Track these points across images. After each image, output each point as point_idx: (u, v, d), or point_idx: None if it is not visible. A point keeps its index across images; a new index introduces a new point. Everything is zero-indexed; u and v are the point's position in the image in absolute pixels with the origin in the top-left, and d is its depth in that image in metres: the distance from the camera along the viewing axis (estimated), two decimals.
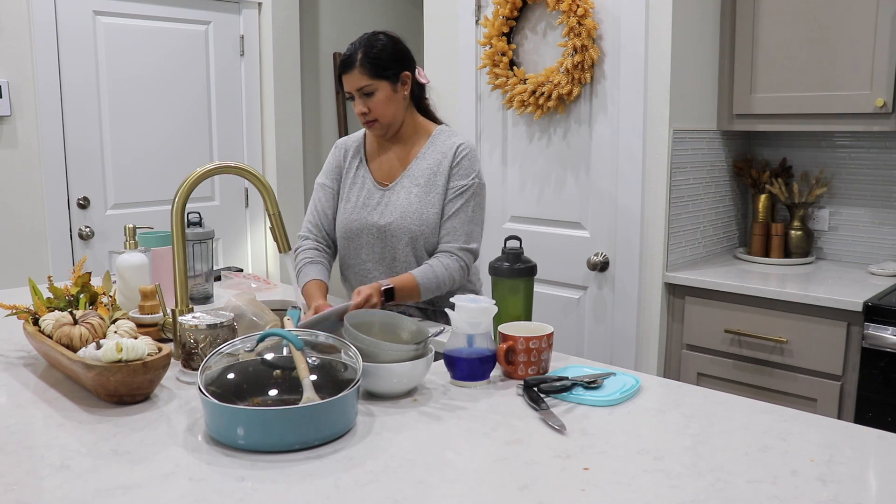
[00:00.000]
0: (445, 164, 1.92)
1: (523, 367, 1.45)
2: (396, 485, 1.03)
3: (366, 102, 1.89)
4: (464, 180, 1.92)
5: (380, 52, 1.88)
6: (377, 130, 1.94)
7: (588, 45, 2.58)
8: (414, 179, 1.94)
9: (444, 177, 1.92)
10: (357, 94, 1.89)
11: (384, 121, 1.92)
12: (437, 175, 1.92)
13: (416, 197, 1.92)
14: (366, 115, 1.90)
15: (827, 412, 2.25)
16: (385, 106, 1.90)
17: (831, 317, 2.26)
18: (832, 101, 2.47)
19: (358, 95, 1.89)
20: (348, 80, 1.89)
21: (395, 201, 1.93)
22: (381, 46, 1.89)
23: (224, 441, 1.15)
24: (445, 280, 1.88)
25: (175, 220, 1.58)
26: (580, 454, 1.13)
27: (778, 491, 1.02)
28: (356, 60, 1.87)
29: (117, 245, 2.87)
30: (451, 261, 1.90)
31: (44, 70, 3.09)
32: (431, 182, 1.92)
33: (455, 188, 1.92)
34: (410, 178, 1.94)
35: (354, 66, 1.87)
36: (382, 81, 1.88)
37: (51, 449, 1.14)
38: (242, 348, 1.29)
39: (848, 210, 2.79)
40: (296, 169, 3.92)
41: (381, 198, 1.96)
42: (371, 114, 1.90)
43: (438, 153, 1.95)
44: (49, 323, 1.46)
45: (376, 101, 1.88)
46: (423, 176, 1.93)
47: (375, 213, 1.95)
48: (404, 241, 1.91)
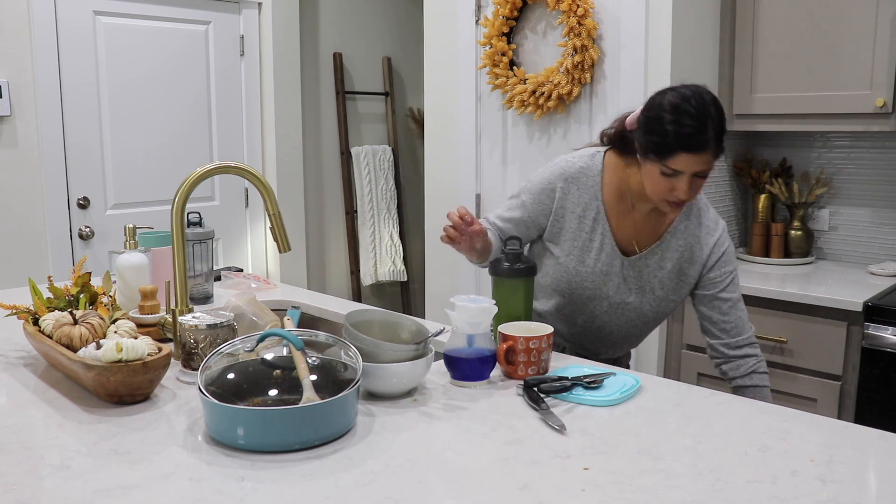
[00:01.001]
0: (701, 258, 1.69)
1: (523, 367, 1.45)
2: (396, 485, 1.03)
3: (694, 185, 1.54)
4: (730, 266, 1.70)
5: (723, 124, 1.54)
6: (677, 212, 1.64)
7: (588, 45, 2.58)
8: (664, 256, 1.69)
9: (698, 271, 1.70)
10: (690, 175, 1.53)
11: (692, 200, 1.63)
12: (692, 265, 1.70)
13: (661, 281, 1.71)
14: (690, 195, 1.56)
15: (827, 412, 2.25)
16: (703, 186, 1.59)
17: (831, 317, 2.26)
18: (832, 101, 2.47)
19: (690, 177, 1.53)
20: (694, 162, 1.50)
21: (640, 279, 1.71)
22: (723, 117, 1.53)
23: (224, 441, 1.15)
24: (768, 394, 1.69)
25: (175, 220, 1.58)
26: (580, 454, 1.13)
27: (778, 491, 1.02)
28: (710, 140, 1.49)
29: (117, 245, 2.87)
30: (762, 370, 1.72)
31: (44, 70, 3.09)
32: (683, 270, 1.70)
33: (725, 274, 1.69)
34: (661, 255, 1.69)
35: (708, 148, 1.50)
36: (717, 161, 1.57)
37: (51, 449, 1.14)
38: (242, 348, 1.29)
39: (848, 210, 2.79)
40: (296, 169, 3.92)
41: (621, 268, 1.70)
42: (690, 196, 1.56)
43: (692, 236, 1.69)
44: (49, 323, 1.46)
45: (702, 183, 1.57)
46: (675, 257, 1.69)
47: (611, 286, 1.71)
48: (635, 319, 1.75)
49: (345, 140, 4.16)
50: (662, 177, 1.54)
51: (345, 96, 4.14)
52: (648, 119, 1.55)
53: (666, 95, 1.53)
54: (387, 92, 4.33)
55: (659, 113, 1.52)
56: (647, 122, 1.55)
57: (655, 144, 1.52)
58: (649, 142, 1.54)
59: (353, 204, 4.24)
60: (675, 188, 1.54)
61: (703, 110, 1.49)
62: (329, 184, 4.17)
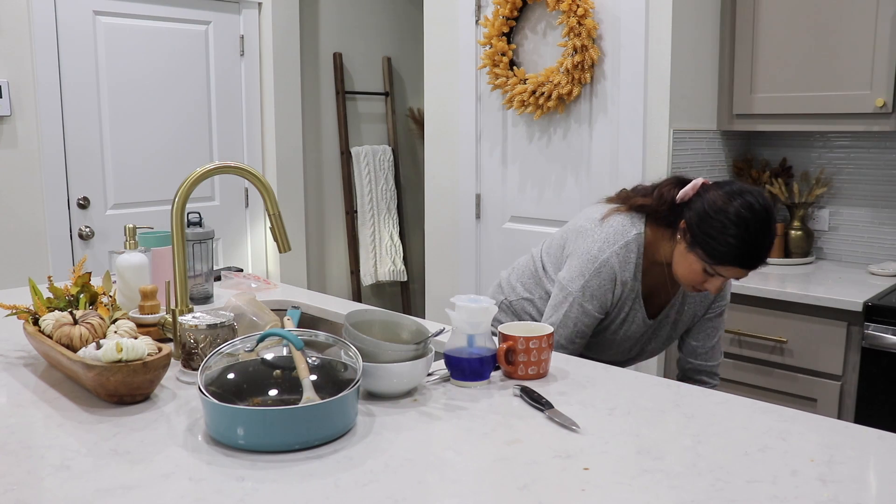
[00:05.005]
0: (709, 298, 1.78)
1: (523, 367, 1.45)
2: (396, 485, 1.03)
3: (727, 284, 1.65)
4: (726, 300, 1.81)
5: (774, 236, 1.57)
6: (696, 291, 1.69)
7: (588, 45, 2.58)
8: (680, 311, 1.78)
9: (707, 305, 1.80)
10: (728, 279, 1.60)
11: None
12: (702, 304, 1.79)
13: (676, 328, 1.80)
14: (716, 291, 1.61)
15: (827, 412, 2.25)
16: None
17: (831, 317, 2.26)
18: (832, 101, 2.47)
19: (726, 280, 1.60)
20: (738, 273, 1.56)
21: (659, 335, 1.80)
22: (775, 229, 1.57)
23: (224, 441, 1.15)
24: None
25: (175, 220, 1.58)
26: (580, 454, 1.13)
27: (778, 491, 1.02)
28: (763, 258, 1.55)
29: (117, 245, 2.87)
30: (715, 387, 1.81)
31: (44, 70, 3.09)
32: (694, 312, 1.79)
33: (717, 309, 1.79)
34: (676, 309, 1.78)
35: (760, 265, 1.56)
36: None
37: (51, 449, 1.14)
38: (242, 348, 1.29)
39: (848, 210, 2.79)
40: (296, 169, 3.92)
41: (646, 330, 1.79)
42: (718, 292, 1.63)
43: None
44: (49, 323, 1.46)
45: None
46: (690, 304, 1.78)
47: (637, 346, 1.82)
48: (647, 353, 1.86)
49: (345, 140, 4.16)
50: (702, 271, 1.56)
51: (345, 96, 4.14)
52: (710, 220, 1.53)
53: (733, 203, 1.52)
54: (387, 92, 4.33)
55: (724, 220, 1.52)
56: (707, 222, 1.54)
57: (711, 248, 1.53)
58: (705, 242, 1.54)
59: (353, 204, 4.24)
60: (708, 283, 1.58)
61: (767, 231, 1.51)
62: (329, 184, 4.17)
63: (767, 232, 1.52)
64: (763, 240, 1.51)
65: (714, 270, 1.55)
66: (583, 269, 1.68)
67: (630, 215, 1.70)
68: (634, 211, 1.70)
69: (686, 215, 1.59)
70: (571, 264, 1.72)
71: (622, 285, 1.68)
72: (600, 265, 1.66)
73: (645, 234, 1.68)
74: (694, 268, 1.57)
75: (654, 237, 1.67)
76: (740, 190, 1.54)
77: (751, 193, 1.53)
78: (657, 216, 1.66)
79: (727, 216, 1.51)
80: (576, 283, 1.69)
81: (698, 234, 1.55)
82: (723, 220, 1.51)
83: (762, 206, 1.52)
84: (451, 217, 3.21)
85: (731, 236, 1.50)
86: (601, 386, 1.43)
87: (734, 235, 1.50)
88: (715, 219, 1.52)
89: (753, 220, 1.50)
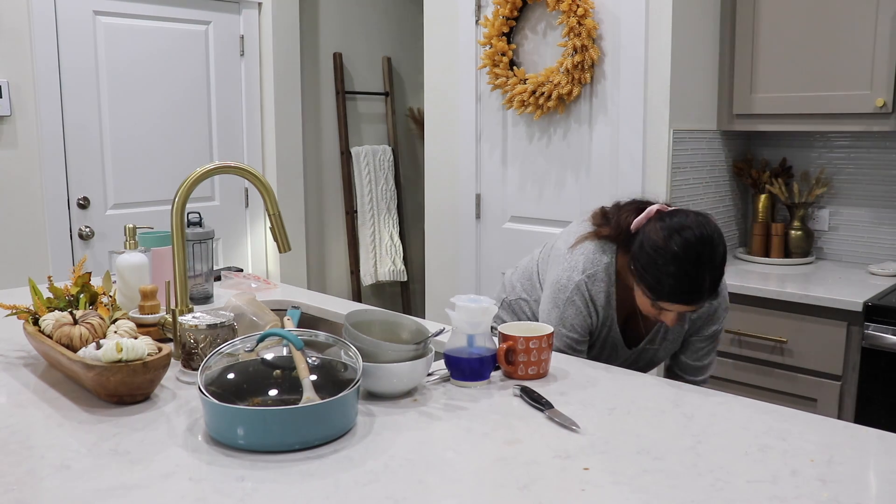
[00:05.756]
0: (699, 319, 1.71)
1: (523, 367, 1.45)
2: (396, 485, 1.03)
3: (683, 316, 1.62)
4: (720, 324, 1.73)
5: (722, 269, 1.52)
6: None
7: (588, 45, 2.58)
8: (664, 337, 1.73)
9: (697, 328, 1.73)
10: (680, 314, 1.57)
11: None
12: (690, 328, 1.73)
13: (667, 349, 1.76)
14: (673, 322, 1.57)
15: (827, 412, 2.25)
16: None
17: (831, 317, 2.26)
18: (832, 101, 2.47)
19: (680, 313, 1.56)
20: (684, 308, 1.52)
21: (642, 359, 1.77)
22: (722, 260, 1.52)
23: (224, 441, 1.15)
24: None
25: (175, 220, 1.58)
26: (580, 454, 1.13)
27: (778, 491, 1.02)
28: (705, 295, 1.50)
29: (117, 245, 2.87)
30: None
31: (44, 70, 3.09)
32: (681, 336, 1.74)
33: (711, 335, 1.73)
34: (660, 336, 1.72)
35: (701, 302, 1.51)
36: None
37: (51, 449, 1.14)
38: (242, 348, 1.29)
39: (848, 210, 2.79)
40: (296, 169, 3.92)
41: (628, 357, 1.76)
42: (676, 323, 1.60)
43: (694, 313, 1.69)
44: (49, 323, 1.46)
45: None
46: (675, 331, 1.72)
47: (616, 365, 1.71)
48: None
49: (345, 140, 4.16)
50: (650, 305, 1.55)
51: (345, 96, 4.14)
52: (649, 257, 1.51)
53: (671, 240, 1.48)
54: (387, 92, 4.33)
55: (661, 258, 1.49)
56: (646, 259, 1.51)
57: (651, 284, 1.51)
58: (645, 278, 1.52)
59: (353, 204, 4.24)
60: (662, 315, 1.56)
61: (706, 266, 1.47)
62: (329, 184, 4.17)
63: (707, 267, 1.47)
64: (702, 276, 1.47)
65: (658, 306, 1.53)
66: (556, 300, 1.68)
67: (601, 243, 1.66)
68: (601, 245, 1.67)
69: (633, 248, 1.56)
70: (545, 295, 1.71)
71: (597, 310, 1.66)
72: (571, 294, 1.65)
73: (616, 262, 1.65)
74: (643, 300, 1.56)
75: (624, 264, 1.64)
76: (680, 226, 1.50)
77: (691, 229, 1.49)
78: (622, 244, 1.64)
79: (664, 254, 1.48)
80: (552, 315, 1.68)
81: (639, 270, 1.53)
82: (660, 258, 1.48)
83: (701, 240, 1.47)
84: (451, 217, 3.21)
85: (669, 275, 1.48)
86: (601, 386, 1.43)
87: (672, 274, 1.47)
88: (653, 256, 1.50)
89: (690, 258, 1.46)
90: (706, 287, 1.48)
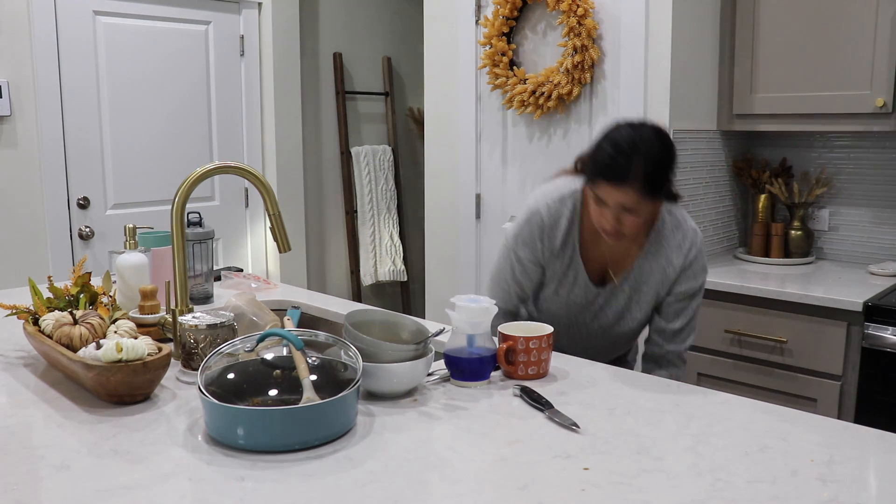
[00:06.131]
0: (672, 272, 1.67)
1: (523, 367, 1.45)
2: (396, 485, 1.03)
3: (622, 218, 1.54)
4: (694, 282, 1.69)
5: (662, 165, 1.53)
6: (612, 240, 1.61)
7: (588, 45, 2.58)
8: (636, 282, 1.70)
9: (671, 282, 1.69)
10: (616, 207, 1.53)
11: (630, 236, 1.62)
12: (664, 282, 1.69)
13: (637, 303, 1.72)
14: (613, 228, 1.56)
15: (827, 412, 2.25)
16: (642, 223, 1.59)
17: (831, 317, 2.26)
18: (832, 101, 2.47)
19: (617, 210, 1.53)
20: (616, 194, 1.51)
21: (613, 305, 1.73)
22: (663, 158, 1.53)
23: (224, 441, 1.15)
24: None
25: (175, 220, 1.58)
26: (580, 454, 1.13)
27: (778, 491, 1.02)
28: (633, 175, 1.49)
29: (117, 245, 2.87)
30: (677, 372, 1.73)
31: (44, 70, 3.09)
32: (655, 289, 1.70)
33: (684, 292, 1.69)
34: (632, 280, 1.70)
35: (629, 183, 1.49)
36: (654, 203, 1.57)
37: (51, 449, 1.14)
38: (242, 348, 1.29)
39: (848, 210, 2.79)
40: (296, 169, 3.92)
41: (595, 297, 1.73)
42: (622, 229, 1.56)
43: (663, 258, 1.67)
44: (49, 323, 1.46)
45: (635, 221, 1.55)
46: (647, 282, 1.69)
47: (588, 314, 1.76)
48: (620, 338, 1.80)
49: (345, 140, 4.16)
50: (596, 204, 1.57)
51: (345, 96, 4.14)
52: (593, 145, 1.60)
53: (616, 129, 1.56)
54: (387, 92, 4.33)
55: (599, 140, 1.58)
56: (590, 149, 1.61)
57: (589, 168, 1.59)
58: (585, 166, 1.62)
59: (353, 204, 4.24)
60: (603, 218, 1.57)
61: (635, 146, 1.50)
62: (329, 184, 4.17)
63: (635, 147, 1.50)
64: (634, 161, 1.49)
65: (596, 194, 1.55)
66: (519, 220, 1.75)
67: (573, 177, 1.73)
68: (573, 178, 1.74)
69: None
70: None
71: (553, 237, 1.69)
72: (531, 214, 1.71)
73: (584, 192, 1.66)
74: (592, 206, 1.59)
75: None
76: (627, 120, 1.59)
77: (636, 125, 1.56)
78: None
79: (606, 137, 1.56)
80: (511, 233, 1.76)
81: (585, 160, 1.63)
82: (602, 141, 1.56)
83: (642, 134, 1.52)
84: (451, 217, 3.21)
85: (605, 153, 1.54)
86: (601, 386, 1.43)
87: (607, 153, 1.53)
88: (597, 141, 1.59)
89: (626, 142, 1.51)
90: (637, 173, 1.49)
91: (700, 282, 1.71)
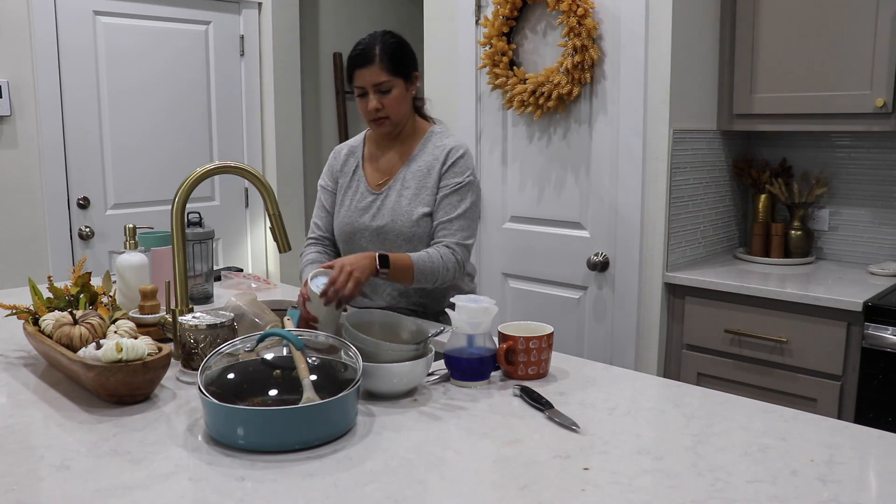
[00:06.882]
0: (437, 165, 1.94)
1: (523, 367, 1.45)
2: (396, 485, 1.03)
3: (380, 99, 1.88)
4: (458, 178, 1.93)
5: (397, 49, 1.89)
6: (386, 128, 1.93)
7: (588, 45, 2.58)
8: (405, 182, 1.95)
9: (436, 177, 1.93)
10: (372, 89, 1.88)
11: (395, 118, 1.92)
12: (429, 176, 1.94)
13: (407, 199, 1.94)
14: (378, 112, 1.89)
15: (827, 412, 2.25)
16: (398, 104, 1.90)
17: (831, 317, 2.26)
18: (832, 101, 2.47)
19: (373, 91, 1.88)
20: (365, 75, 1.87)
21: (387, 204, 1.95)
22: (398, 44, 1.90)
23: (224, 441, 1.15)
24: (440, 269, 1.84)
25: (175, 220, 1.58)
26: (580, 454, 1.13)
27: (778, 491, 1.02)
28: (375, 55, 1.86)
29: (117, 245, 2.87)
30: (447, 252, 1.87)
31: (44, 70, 3.09)
32: (423, 184, 1.94)
33: (449, 185, 1.92)
34: (402, 180, 1.96)
35: (374, 62, 1.85)
36: (399, 79, 1.89)
37: (51, 449, 1.14)
38: (242, 348, 1.29)
39: (848, 210, 2.79)
40: (296, 169, 3.92)
41: (373, 201, 1.98)
42: (384, 111, 1.89)
43: (430, 155, 1.96)
44: (49, 323, 1.46)
45: (391, 99, 1.88)
46: (415, 178, 1.95)
47: (368, 216, 1.97)
48: (400, 243, 1.93)
49: (345, 140, 4.16)
50: (360, 101, 1.91)
51: (345, 96, 4.14)
52: None
53: None
54: None
55: None
56: None
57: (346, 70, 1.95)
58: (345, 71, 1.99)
59: None
60: (369, 104, 1.88)
61: (371, 36, 1.90)
62: None
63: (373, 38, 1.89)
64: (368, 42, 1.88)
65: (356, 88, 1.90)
66: None
67: None
68: None
69: None
70: None
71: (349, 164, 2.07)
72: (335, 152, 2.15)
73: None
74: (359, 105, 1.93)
75: None
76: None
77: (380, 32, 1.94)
78: None
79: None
80: None
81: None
82: None
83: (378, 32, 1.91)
84: None
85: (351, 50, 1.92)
86: (601, 386, 1.43)
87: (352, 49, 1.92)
88: None
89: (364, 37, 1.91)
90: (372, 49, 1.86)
91: (464, 179, 1.92)
